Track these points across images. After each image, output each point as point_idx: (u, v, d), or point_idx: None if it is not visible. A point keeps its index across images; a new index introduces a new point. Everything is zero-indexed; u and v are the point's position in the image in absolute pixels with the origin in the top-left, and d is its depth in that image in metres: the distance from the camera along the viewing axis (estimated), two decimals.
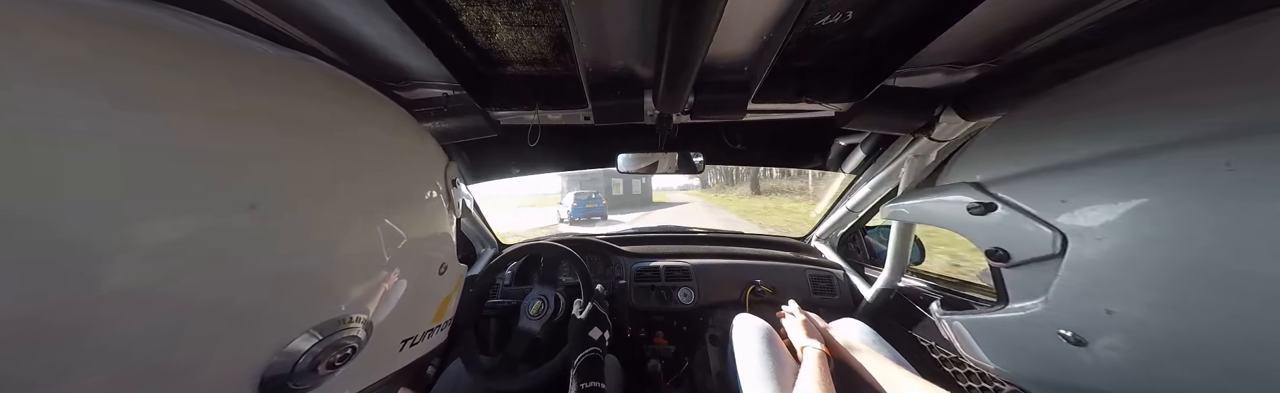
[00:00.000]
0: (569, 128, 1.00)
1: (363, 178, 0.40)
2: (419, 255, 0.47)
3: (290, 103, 0.35)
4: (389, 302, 0.42)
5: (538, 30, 0.66)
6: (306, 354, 0.33)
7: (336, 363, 0.36)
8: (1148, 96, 0.41)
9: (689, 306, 1.48)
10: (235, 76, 0.32)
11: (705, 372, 1.43)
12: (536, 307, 1.13)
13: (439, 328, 0.59)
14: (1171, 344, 0.37)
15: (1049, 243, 0.45)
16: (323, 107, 0.38)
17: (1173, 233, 0.35)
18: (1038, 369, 0.55)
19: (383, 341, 0.43)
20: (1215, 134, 0.33)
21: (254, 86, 0.33)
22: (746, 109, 0.81)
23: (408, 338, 0.49)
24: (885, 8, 0.59)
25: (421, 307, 0.52)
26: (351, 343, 0.37)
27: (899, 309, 1.31)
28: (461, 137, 0.89)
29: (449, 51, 0.66)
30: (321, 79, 0.42)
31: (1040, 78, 0.61)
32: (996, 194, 0.51)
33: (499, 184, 1.72)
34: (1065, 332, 0.46)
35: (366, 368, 0.43)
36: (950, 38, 0.58)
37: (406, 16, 0.54)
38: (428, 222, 0.49)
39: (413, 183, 0.48)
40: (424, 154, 0.52)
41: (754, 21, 0.57)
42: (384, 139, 0.45)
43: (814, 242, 1.84)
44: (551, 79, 0.84)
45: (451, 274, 0.59)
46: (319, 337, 0.34)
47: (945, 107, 0.81)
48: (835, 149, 1.47)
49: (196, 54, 0.30)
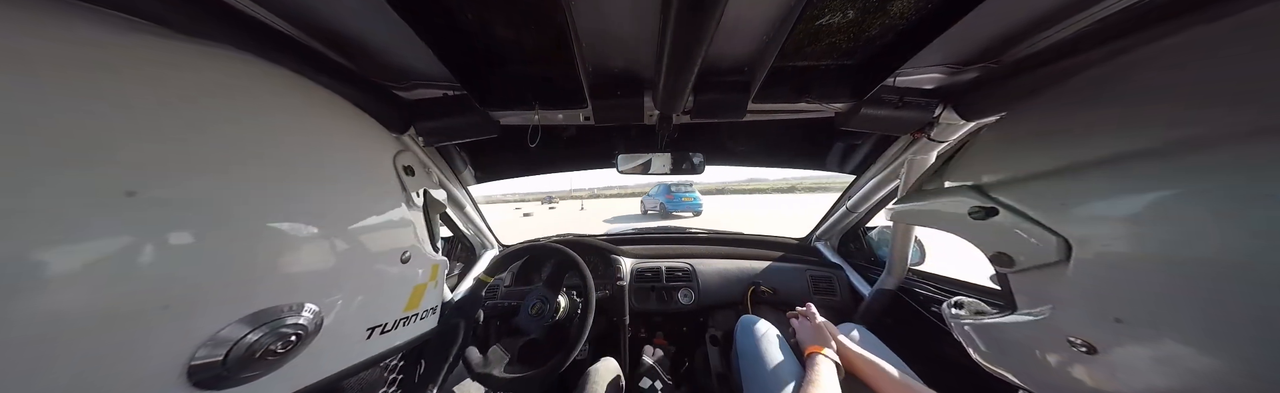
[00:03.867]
0: (569, 128, 1.00)
1: (279, 165, 0.39)
2: (366, 243, 0.47)
3: (196, 95, 0.35)
4: (337, 290, 0.42)
5: (538, 30, 0.66)
6: (240, 343, 0.33)
7: (280, 351, 0.37)
8: (1147, 97, 0.41)
9: (689, 306, 1.48)
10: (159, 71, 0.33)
11: (705, 372, 1.42)
12: (536, 307, 1.13)
13: (418, 317, 0.59)
14: (1184, 354, 0.36)
15: (1053, 249, 0.43)
16: (228, 97, 0.38)
17: (1179, 238, 0.34)
18: (1049, 377, 0.54)
19: (341, 327, 0.43)
20: (1219, 135, 0.32)
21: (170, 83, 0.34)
22: (746, 109, 0.81)
23: (375, 326, 0.49)
24: (885, 8, 0.59)
25: (384, 295, 0.52)
26: (294, 331, 0.37)
27: (899, 310, 1.31)
28: (461, 137, 0.89)
29: (449, 51, 0.66)
30: (262, 80, 0.43)
31: (1040, 78, 0.61)
32: (997, 198, 0.51)
33: (496, 185, 1.73)
34: (1075, 339, 0.44)
35: (333, 354, 0.44)
36: (950, 38, 0.58)
37: (406, 16, 0.54)
38: (369, 209, 0.49)
39: (345, 170, 0.47)
40: (359, 142, 0.51)
41: (754, 21, 0.57)
42: (302, 127, 0.44)
43: (814, 242, 1.84)
44: (551, 79, 0.84)
45: (419, 263, 0.58)
46: (251, 326, 0.34)
47: (945, 107, 0.81)
48: (835, 149, 1.47)
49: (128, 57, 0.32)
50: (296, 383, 0.40)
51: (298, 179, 0.41)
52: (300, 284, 0.39)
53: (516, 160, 1.55)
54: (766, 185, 69.85)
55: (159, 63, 0.34)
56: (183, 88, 0.34)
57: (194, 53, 0.37)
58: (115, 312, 0.28)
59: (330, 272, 0.41)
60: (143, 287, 0.29)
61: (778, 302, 1.51)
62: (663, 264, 1.58)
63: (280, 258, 0.37)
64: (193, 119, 0.34)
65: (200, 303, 0.32)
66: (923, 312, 1.22)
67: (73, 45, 0.30)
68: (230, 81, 0.39)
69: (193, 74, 0.36)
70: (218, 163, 0.34)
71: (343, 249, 0.43)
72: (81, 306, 0.26)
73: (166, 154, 0.31)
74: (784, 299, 1.50)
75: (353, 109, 0.55)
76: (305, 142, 0.43)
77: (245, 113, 0.38)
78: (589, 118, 0.88)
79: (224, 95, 0.37)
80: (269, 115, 0.41)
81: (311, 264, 0.40)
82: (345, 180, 0.47)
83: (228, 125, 0.36)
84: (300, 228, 0.39)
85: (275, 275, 0.37)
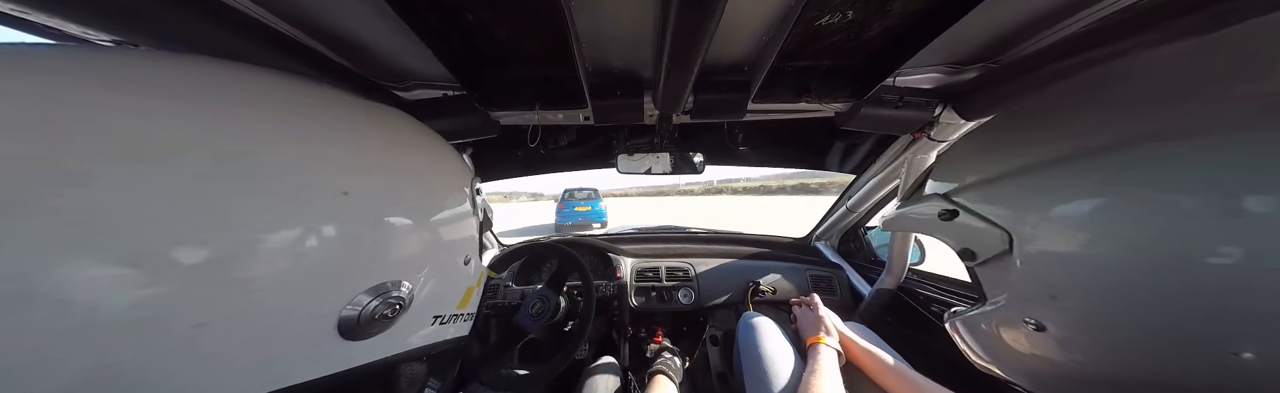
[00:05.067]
0: (569, 128, 1.00)
1: (411, 189, 0.54)
2: (446, 246, 0.59)
3: (381, 143, 0.52)
4: (424, 277, 0.53)
5: (537, 30, 0.66)
6: (367, 306, 0.45)
7: (390, 315, 0.47)
8: (1072, 108, 0.50)
9: (689, 306, 1.48)
10: (352, 126, 0.50)
11: (705, 372, 1.43)
12: (537, 307, 1.14)
13: (463, 317, 0.66)
14: (1111, 323, 0.43)
15: (999, 240, 0.52)
16: (398, 143, 0.56)
17: (1096, 225, 0.42)
18: (1022, 361, 0.58)
19: (419, 309, 0.53)
20: (1108, 144, 0.42)
21: (363, 133, 0.50)
22: (746, 109, 0.82)
23: (438, 316, 0.59)
24: (885, 8, 0.59)
25: (449, 288, 0.61)
26: (397, 301, 0.48)
27: (899, 310, 1.31)
28: (461, 137, 0.89)
29: (449, 52, 0.66)
30: (404, 125, 0.59)
31: (1040, 78, 0.61)
32: (958, 202, 0.59)
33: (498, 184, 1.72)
34: (1029, 320, 0.50)
35: (409, 332, 0.54)
36: (949, 38, 0.58)
37: (406, 17, 0.54)
38: (453, 221, 0.60)
39: (446, 193, 0.61)
40: (455, 172, 0.66)
41: (754, 22, 0.57)
42: (431, 163, 0.61)
43: (814, 242, 1.84)
44: (551, 79, 0.84)
45: (474, 267, 0.69)
46: (374, 294, 0.46)
47: (945, 107, 0.81)
48: (835, 149, 1.47)
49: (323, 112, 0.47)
50: (388, 350, 0.51)
51: (423, 201, 0.55)
52: (401, 268, 0.50)
53: (516, 160, 1.55)
54: (739, 186, 70.02)
55: (342, 113, 0.50)
56: (361, 132, 0.50)
57: (356, 105, 0.53)
58: (312, 275, 0.40)
59: (418, 261, 0.53)
60: (327, 257, 0.41)
61: (777, 301, 1.51)
62: (663, 264, 1.59)
63: (391, 246, 0.48)
64: (377, 154, 0.50)
65: (346, 275, 0.43)
66: (922, 311, 1.22)
67: (339, 103, 0.50)
68: (387, 123, 0.56)
69: (364, 118, 0.53)
70: (377, 175, 0.48)
71: (432, 248, 0.55)
72: (298, 269, 0.39)
73: (366, 180, 0.46)
74: (784, 299, 1.50)
75: (452, 149, 0.71)
76: (432, 178, 0.59)
77: (398, 146, 0.55)
78: (589, 118, 0.89)
79: (386, 137, 0.54)
80: (409, 148, 0.57)
81: (409, 253, 0.51)
82: (447, 200, 0.60)
83: (384, 155, 0.52)
84: (407, 224, 0.51)
85: (389, 259, 0.48)
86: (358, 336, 0.45)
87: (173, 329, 0.32)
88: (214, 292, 0.33)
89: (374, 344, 0.48)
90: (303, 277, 0.39)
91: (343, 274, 0.43)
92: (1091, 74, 0.51)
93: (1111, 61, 0.50)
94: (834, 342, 0.84)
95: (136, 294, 0.30)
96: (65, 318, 0.28)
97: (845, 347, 0.84)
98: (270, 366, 0.39)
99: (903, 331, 1.26)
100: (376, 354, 0.49)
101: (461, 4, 0.59)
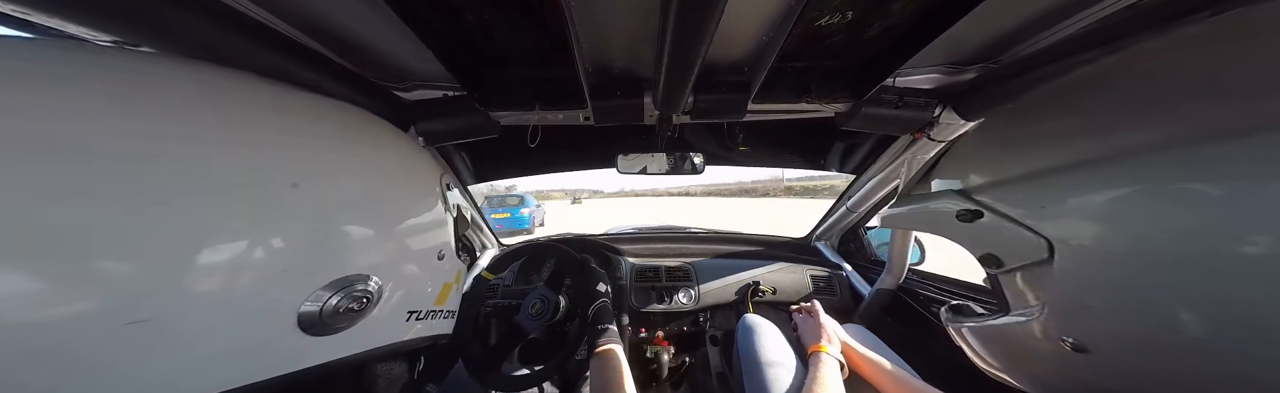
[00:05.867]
0: (569, 128, 1.00)
1: (369, 183, 0.52)
2: (415, 240, 0.58)
3: (337, 138, 0.52)
4: (393, 273, 0.53)
5: (537, 31, 0.66)
6: (329, 299, 0.44)
7: (356, 309, 0.47)
8: (1111, 103, 0.43)
9: (689, 306, 1.48)
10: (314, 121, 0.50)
11: (705, 372, 1.43)
12: (536, 306, 1.13)
13: (442, 314, 0.66)
14: (1169, 350, 0.37)
15: (1036, 249, 0.45)
16: (355, 139, 0.55)
17: (1153, 236, 0.35)
18: (1047, 376, 0.55)
19: (390, 304, 0.53)
20: (1175, 138, 0.34)
21: (317, 128, 0.50)
22: (746, 109, 0.81)
23: (413, 311, 0.58)
24: (885, 8, 0.59)
25: (423, 284, 0.61)
26: (364, 295, 0.48)
27: (899, 310, 1.31)
28: (461, 137, 0.89)
29: (449, 52, 0.66)
30: (363, 122, 0.58)
31: (1039, 78, 0.61)
32: (981, 201, 0.53)
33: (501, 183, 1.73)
34: (1067, 338, 0.45)
35: (380, 328, 0.53)
36: (949, 38, 0.58)
37: (406, 17, 0.54)
38: (419, 216, 0.60)
39: (409, 188, 0.60)
40: (421, 168, 0.65)
41: (754, 22, 0.57)
42: (394, 159, 0.60)
43: (815, 242, 1.84)
44: (551, 79, 0.84)
45: (450, 263, 0.68)
46: (337, 289, 0.45)
47: (945, 107, 0.81)
48: (835, 149, 1.47)
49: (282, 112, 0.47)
50: (358, 346, 0.50)
51: (382, 195, 0.54)
52: (364, 262, 0.49)
53: (516, 160, 1.55)
54: (725, 189, 69.71)
55: (309, 116, 0.51)
56: (314, 127, 0.50)
57: (313, 101, 0.53)
58: (262, 270, 0.39)
59: (383, 256, 0.52)
60: (277, 249, 0.40)
61: (777, 302, 1.51)
62: (663, 264, 1.58)
63: (349, 240, 0.48)
64: (333, 151, 0.50)
65: (301, 268, 0.43)
66: (923, 311, 1.22)
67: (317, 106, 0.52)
68: (344, 119, 0.56)
69: (319, 114, 0.52)
70: (330, 168, 0.48)
71: (399, 242, 0.55)
72: (244, 263, 0.38)
73: (314, 168, 0.46)
74: (784, 299, 1.50)
75: (415, 144, 0.71)
76: (376, 159, 0.57)
77: (355, 142, 0.54)
78: (589, 118, 0.88)
79: (343, 134, 0.54)
80: (366, 144, 0.57)
81: (370, 248, 0.51)
82: (409, 195, 0.60)
83: (340, 149, 0.51)
84: (366, 217, 0.51)
85: (348, 253, 0.47)
86: (322, 331, 0.44)
87: (105, 326, 0.30)
88: (151, 287, 0.32)
89: (342, 340, 0.47)
90: (250, 270, 0.38)
91: (295, 267, 0.42)
92: (1096, 72, 0.49)
93: (1123, 60, 0.46)
94: (836, 351, 0.83)
95: (62, 290, 0.29)
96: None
97: (847, 355, 0.84)
98: (222, 361, 0.38)
99: (902, 331, 1.26)
100: (346, 350, 0.48)
101: (462, 4, 0.59)
